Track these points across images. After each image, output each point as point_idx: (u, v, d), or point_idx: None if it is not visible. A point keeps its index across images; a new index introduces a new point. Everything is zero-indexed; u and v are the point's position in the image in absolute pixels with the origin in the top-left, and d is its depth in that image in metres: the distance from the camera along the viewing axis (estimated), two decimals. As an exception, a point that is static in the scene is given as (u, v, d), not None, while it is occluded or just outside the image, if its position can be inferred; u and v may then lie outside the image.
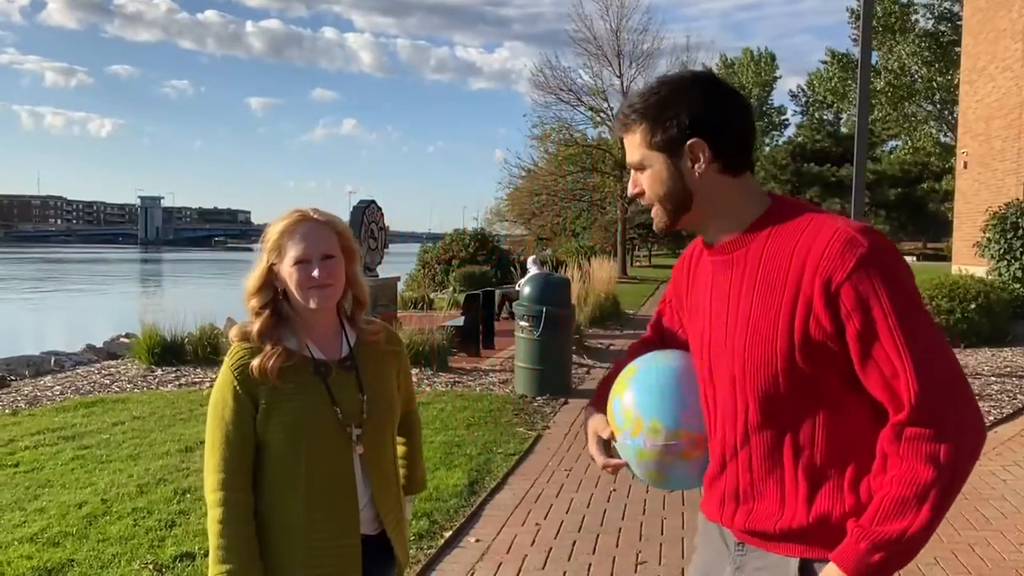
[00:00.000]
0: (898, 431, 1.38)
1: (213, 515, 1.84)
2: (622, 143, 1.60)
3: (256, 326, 1.89)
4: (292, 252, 1.87)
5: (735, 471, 1.55)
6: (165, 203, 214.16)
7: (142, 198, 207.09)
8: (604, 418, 1.75)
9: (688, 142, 1.50)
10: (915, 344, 1.35)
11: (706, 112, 1.50)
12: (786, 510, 1.49)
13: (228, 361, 1.89)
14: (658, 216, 1.59)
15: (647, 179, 1.56)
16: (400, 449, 2.18)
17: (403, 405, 2.12)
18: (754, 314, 1.48)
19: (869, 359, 1.38)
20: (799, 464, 1.48)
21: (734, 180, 1.53)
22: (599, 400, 1.81)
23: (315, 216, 1.92)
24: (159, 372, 9.46)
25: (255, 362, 1.84)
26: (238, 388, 1.86)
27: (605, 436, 1.73)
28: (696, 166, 1.51)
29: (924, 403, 1.35)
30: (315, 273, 1.86)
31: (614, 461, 1.74)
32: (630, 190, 1.61)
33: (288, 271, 1.87)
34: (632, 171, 1.60)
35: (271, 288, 1.91)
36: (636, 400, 1.67)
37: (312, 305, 1.88)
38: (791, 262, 1.43)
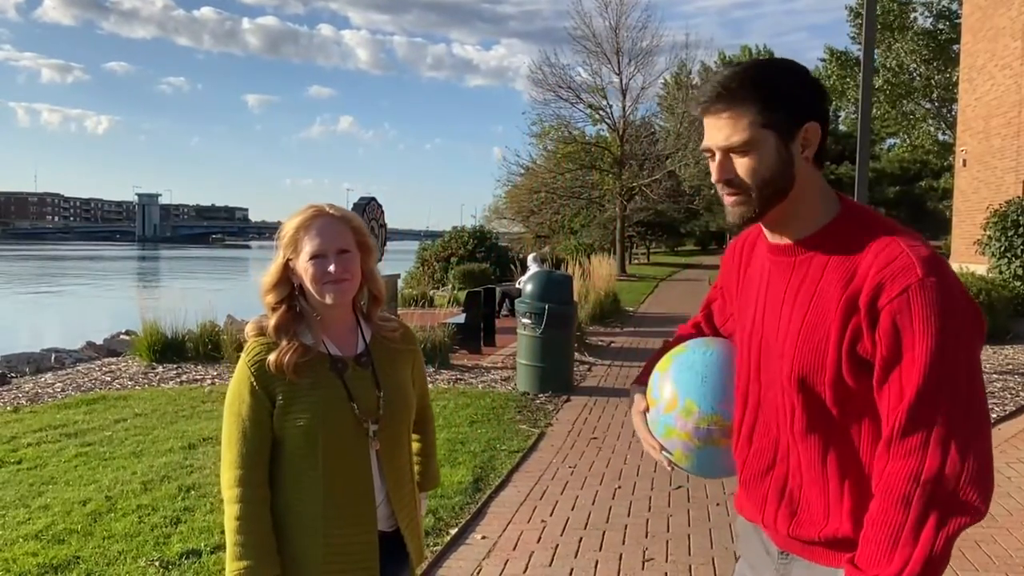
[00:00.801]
0: (879, 465, 1.36)
1: (230, 511, 1.83)
2: (702, 122, 1.49)
3: (272, 321, 1.89)
4: (308, 247, 1.86)
5: (784, 472, 1.53)
6: (163, 200, 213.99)
7: (140, 195, 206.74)
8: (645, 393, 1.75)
9: (805, 124, 1.43)
10: (927, 383, 1.30)
11: (815, 97, 1.45)
12: (831, 520, 1.47)
13: (244, 357, 1.89)
14: (745, 206, 1.47)
15: (750, 162, 1.43)
16: (414, 446, 2.18)
17: (418, 400, 2.12)
18: (808, 323, 1.44)
19: (884, 384, 1.35)
20: (845, 475, 1.45)
21: (818, 174, 1.49)
22: (643, 377, 1.80)
23: (331, 211, 1.92)
24: (160, 369, 9.44)
25: (272, 357, 1.84)
26: (255, 384, 1.85)
27: (641, 408, 1.73)
28: (807, 151, 1.45)
29: (904, 445, 1.31)
30: (331, 268, 1.85)
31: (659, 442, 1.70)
32: (718, 175, 1.47)
33: (304, 266, 1.87)
34: (719, 155, 1.46)
35: (287, 284, 1.91)
36: (676, 379, 1.67)
37: (328, 300, 1.88)
38: (853, 277, 1.39)
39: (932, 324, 1.30)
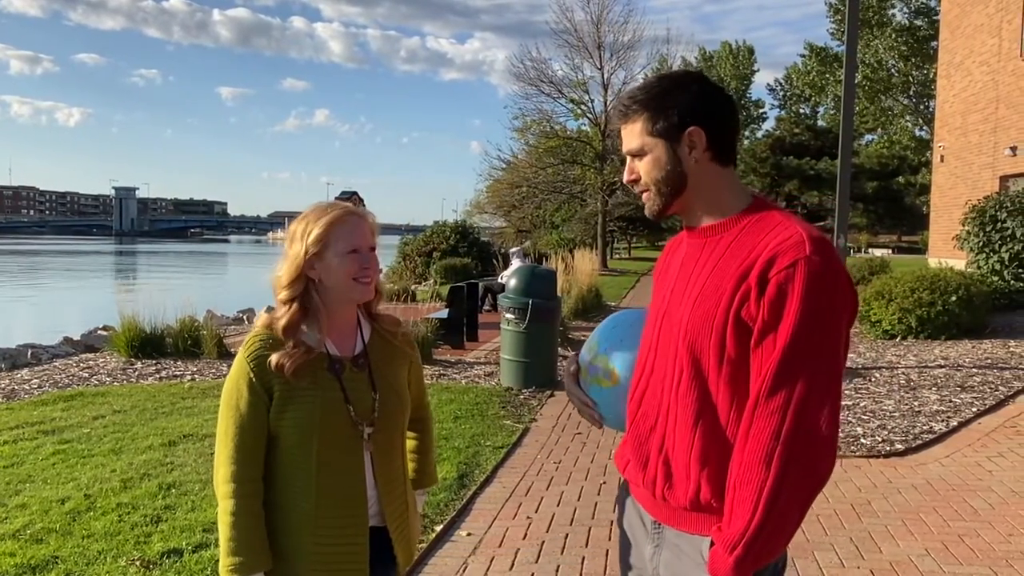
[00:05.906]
0: (744, 427, 1.48)
1: (224, 507, 1.82)
2: (619, 133, 1.73)
3: (283, 321, 1.88)
4: (344, 242, 1.88)
5: (663, 432, 1.64)
6: (140, 194, 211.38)
7: (117, 189, 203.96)
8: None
9: (687, 129, 1.61)
10: (794, 345, 1.44)
11: (703, 104, 1.62)
12: (691, 481, 1.58)
13: (243, 351, 1.88)
14: (651, 201, 1.67)
15: (646, 165, 1.65)
16: (412, 443, 2.19)
17: (416, 404, 2.13)
18: (704, 290, 1.58)
19: (759, 346, 1.49)
20: (708, 442, 1.56)
21: (722, 171, 1.65)
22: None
23: (359, 212, 1.96)
24: (139, 365, 9.33)
25: (273, 358, 1.83)
26: (253, 378, 1.84)
27: (572, 371, 1.93)
28: (693, 153, 1.62)
29: (769, 405, 1.44)
30: (368, 265, 1.89)
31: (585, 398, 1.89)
32: (626, 177, 1.70)
33: (336, 261, 1.87)
34: (629, 159, 1.68)
35: (303, 279, 1.90)
36: (598, 329, 1.92)
37: (354, 296, 1.90)
38: (750, 252, 1.54)
39: (809, 295, 1.44)
